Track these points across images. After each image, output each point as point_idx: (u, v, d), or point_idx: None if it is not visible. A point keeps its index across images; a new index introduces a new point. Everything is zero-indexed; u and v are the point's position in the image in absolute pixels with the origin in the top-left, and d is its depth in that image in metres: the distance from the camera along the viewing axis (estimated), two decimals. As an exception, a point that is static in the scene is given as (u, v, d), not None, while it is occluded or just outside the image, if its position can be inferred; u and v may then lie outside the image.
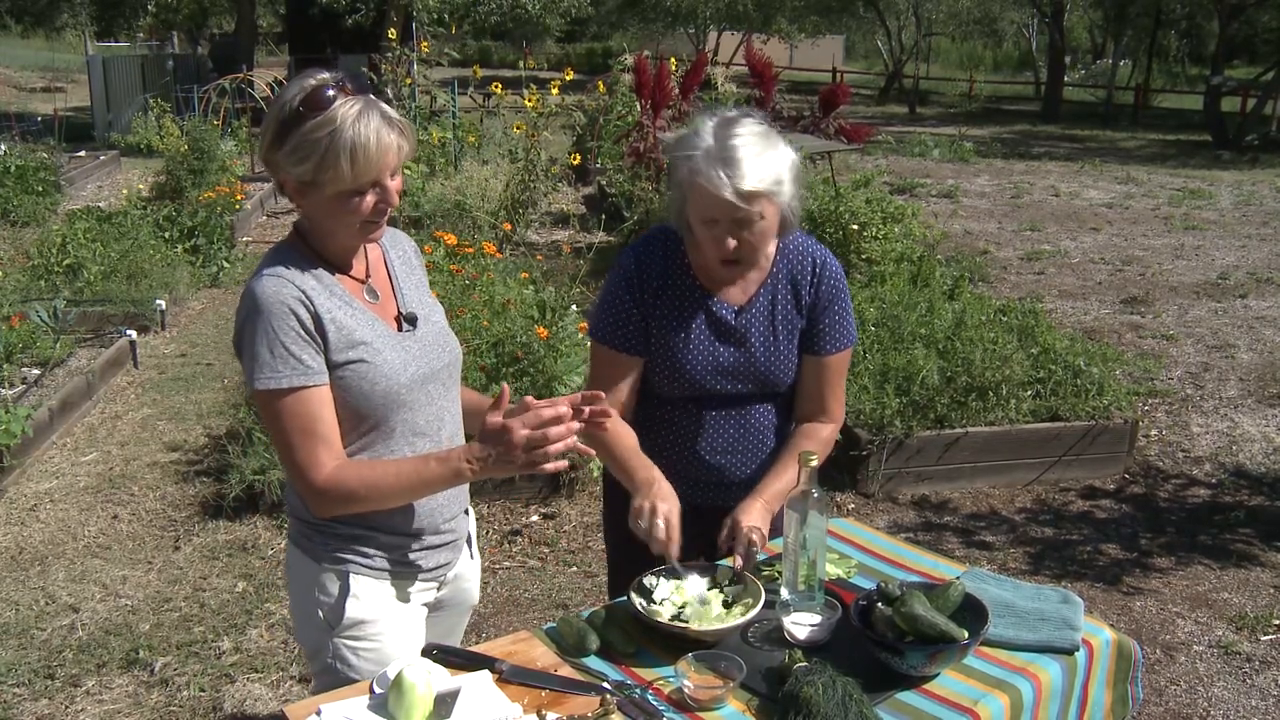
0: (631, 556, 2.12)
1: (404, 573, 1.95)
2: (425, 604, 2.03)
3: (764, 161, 1.99)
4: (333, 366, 1.80)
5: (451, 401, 2.00)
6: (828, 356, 2.24)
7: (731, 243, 2.04)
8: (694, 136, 2.03)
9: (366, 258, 1.93)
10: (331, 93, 1.72)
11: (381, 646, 1.92)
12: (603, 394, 1.92)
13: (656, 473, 2.11)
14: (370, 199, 1.78)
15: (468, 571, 2.14)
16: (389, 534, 1.91)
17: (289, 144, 1.73)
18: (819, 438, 2.27)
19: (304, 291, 1.78)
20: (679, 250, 2.19)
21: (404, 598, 1.96)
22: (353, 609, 1.89)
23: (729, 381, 2.21)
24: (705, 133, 2.02)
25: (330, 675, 1.91)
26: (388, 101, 1.82)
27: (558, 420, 1.75)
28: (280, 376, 1.75)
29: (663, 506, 2.03)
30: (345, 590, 1.89)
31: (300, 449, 1.77)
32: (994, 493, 4.86)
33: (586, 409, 1.86)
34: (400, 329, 1.91)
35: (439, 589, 2.05)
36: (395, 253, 2.01)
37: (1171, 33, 30.35)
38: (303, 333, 1.76)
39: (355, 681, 1.89)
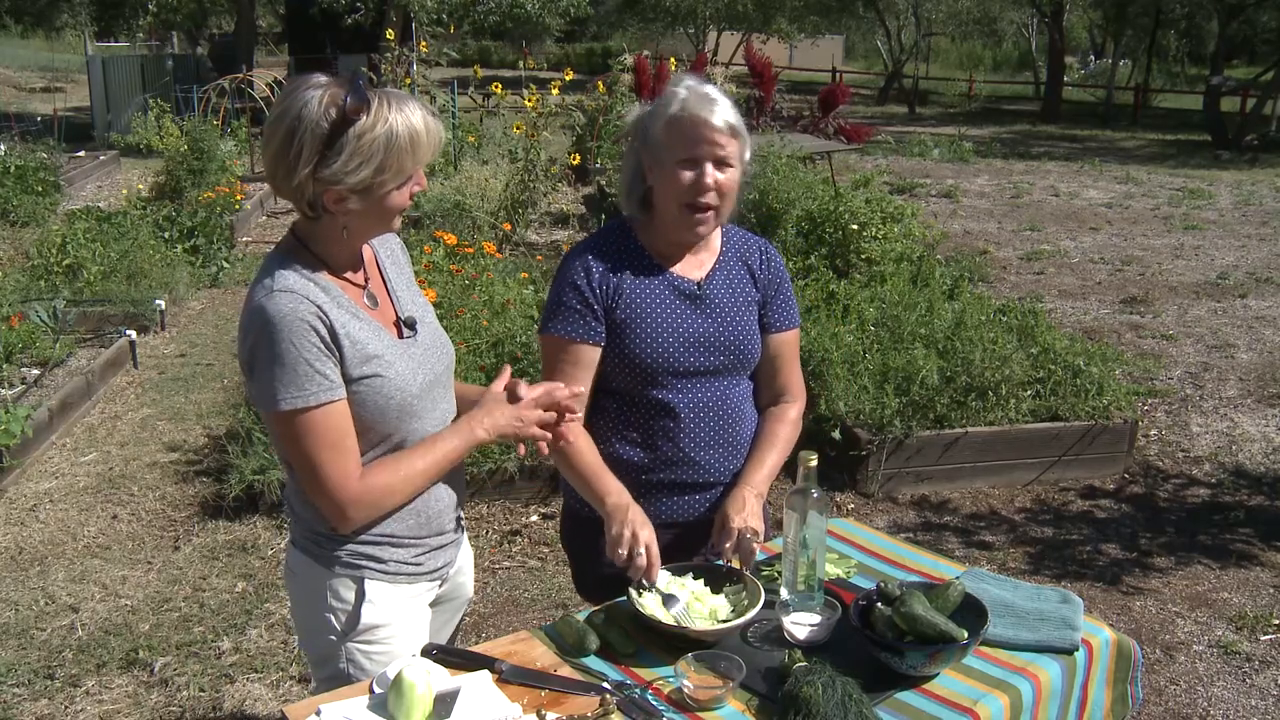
0: (596, 559, 2.13)
1: (415, 575, 1.95)
2: (429, 603, 2.04)
3: (732, 105, 2.12)
4: (348, 381, 1.78)
5: (450, 402, 2.00)
6: (783, 333, 2.29)
7: (711, 178, 2.08)
8: (667, 96, 2.12)
9: (363, 260, 1.91)
10: (366, 91, 1.70)
11: (392, 649, 1.92)
12: (572, 386, 2.03)
13: (627, 496, 2.09)
14: (413, 186, 1.79)
15: (465, 565, 2.15)
16: (401, 538, 1.91)
17: (343, 155, 1.68)
18: (788, 419, 2.29)
19: (319, 306, 1.74)
20: (630, 235, 2.21)
21: (414, 599, 1.97)
22: (369, 614, 1.89)
23: (702, 354, 2.18)
24: (680, 87, 2.12)
25: (340, 680, 1.91)
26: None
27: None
28: (308, 394, 1.72)
29: (643, 534, 2.01)
30: (361, 596, 1.89)
31: (331, 464, 1.75)
32: (994, 493, 4.86)
33: (560, 395, 1.96)
34: (401, 335, 1.89)
35: (440, 585, 2.06)
36: (384, 252, 1.99)
37: (1171, 33, 30.33)
38: (323, 348, 1.73)
39: (357, 671, 1.90)
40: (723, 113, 2.08)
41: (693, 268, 2.21)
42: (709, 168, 2.08)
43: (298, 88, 1.70)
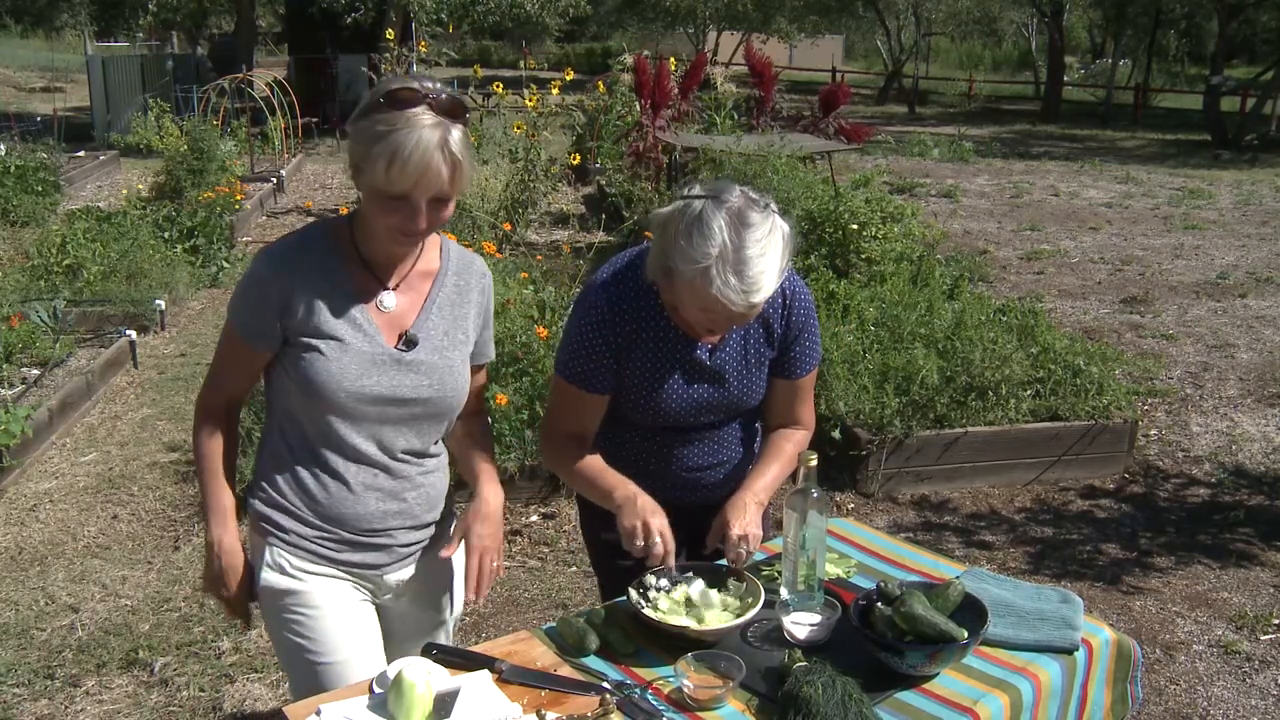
0: (618, 560, 2.13)
1: (318, 558, 1.96)
2: (364, 600, 2.02)
3: (773, 266, 1.92)
4: (292, 344, 1.88)
5: (419, 436, 1.97)
6: (799, 379, 2.25)
7: (725, 329, 2.07)
8: (704, 237, 1.89)
9: (412, 268, 1.94)
10: (420, 97, 1.74)
11: (306, 623, 1.94)
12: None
13: (633, 486, 2.10)
14: (399, 214, 1.78)
15: (431, 583, 2.10)
16: (299, 513, 1.95)
17: (359, 124, 1.78)
18: (794, 439, 2.28)
19: (292, 270, 1.86)
20: (651, 292, 2.11)
21: (327, 581, 1.97)
22: (266, 576, 1.95)
23: (704, 415, 2.21)
24: (718, 232, 1.89)
25: (273, 637, 1.99)
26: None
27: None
28: (232, 310, 1.91)
29: (655, 522, 2.03)
30: (261, 557, 1.97)
31: (211, 372, 2.00)
32: (994, 492, 4.86)
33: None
34: (395, 346, 1.91)
35: (375, 592, 2.04)
36: (455, 279, 1.99)
37: (1171, 32, 30.35)
38: (260, 302, 1.87)
39: (295, 652, 1.94)
40: (756, 293, 1.90)
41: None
42: (724, 325, 2.04)
43: (420, 78, 1.81)
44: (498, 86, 9.94)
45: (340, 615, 1.96)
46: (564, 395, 2.21)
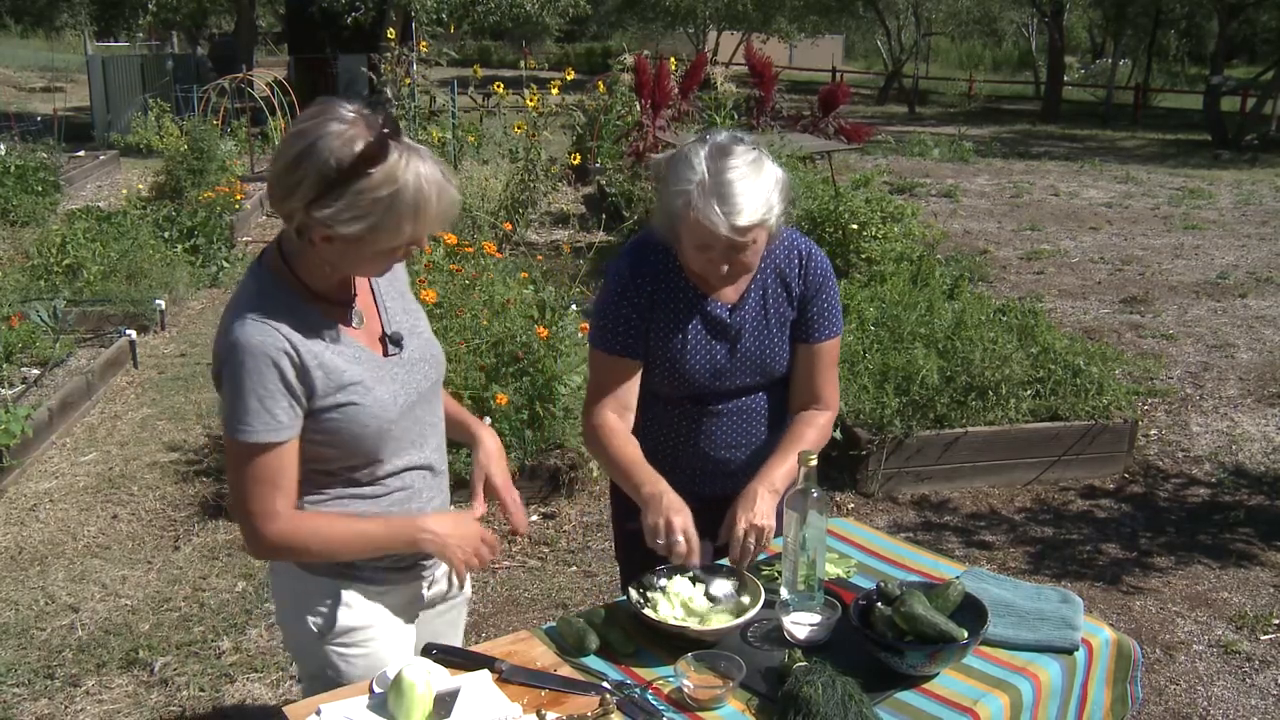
0: (640, 549, 2.13)
1: (394, 577, 1.94)
2: (416, 604, 2.01)
3: (756, 192, 1.98)
4: (320, 410, 1.76)
5: (433, 414, 1.97)
6: (819, 344, 2.27)
7: (725, 267, 2.06)
8: (686, 167, 2.01)
9: (353, 278, 1.87)
10: (382, 140, 1.62)
11: (373, 652, 1.91)
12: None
13: (663, 484, 2.11)
14: (403, 250, 1.75)
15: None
16: None
17: (340, 203, 1.62)
18: (817, 424, 2.28)
19: (289, 339, 1.71)
20: (670, 254, 2.19)
21: (395, 601, 1.96)
22: (345, 617, 1.89)
23: (727, 378, 2.23)
24: (698, 163, 2.00)
25: (321, 681, 1.91)
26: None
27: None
28: (252, 430, 1.70)
29: (678, 520, 2.03)
30: (337, 600, 1.88)
31: (256, 499, 1.74)
32: (994, 492, 4.86)
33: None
34: (386, 352, 1.87)
35: (429, 586, 2.03)
36: None
37: (1171, 32, 30.36)
38: (282, 386, 1.71)
39: (342, 681, 1.89)
40: (738, 215, 1.96)
41: (728, 288, 2.21)
42: (721, 262, 2.05)
43: (325, 113, 1.64)
44: (498, 86, 9.94)
45: (395, 643, 1.95)
46: (596, 364, 2.27)
